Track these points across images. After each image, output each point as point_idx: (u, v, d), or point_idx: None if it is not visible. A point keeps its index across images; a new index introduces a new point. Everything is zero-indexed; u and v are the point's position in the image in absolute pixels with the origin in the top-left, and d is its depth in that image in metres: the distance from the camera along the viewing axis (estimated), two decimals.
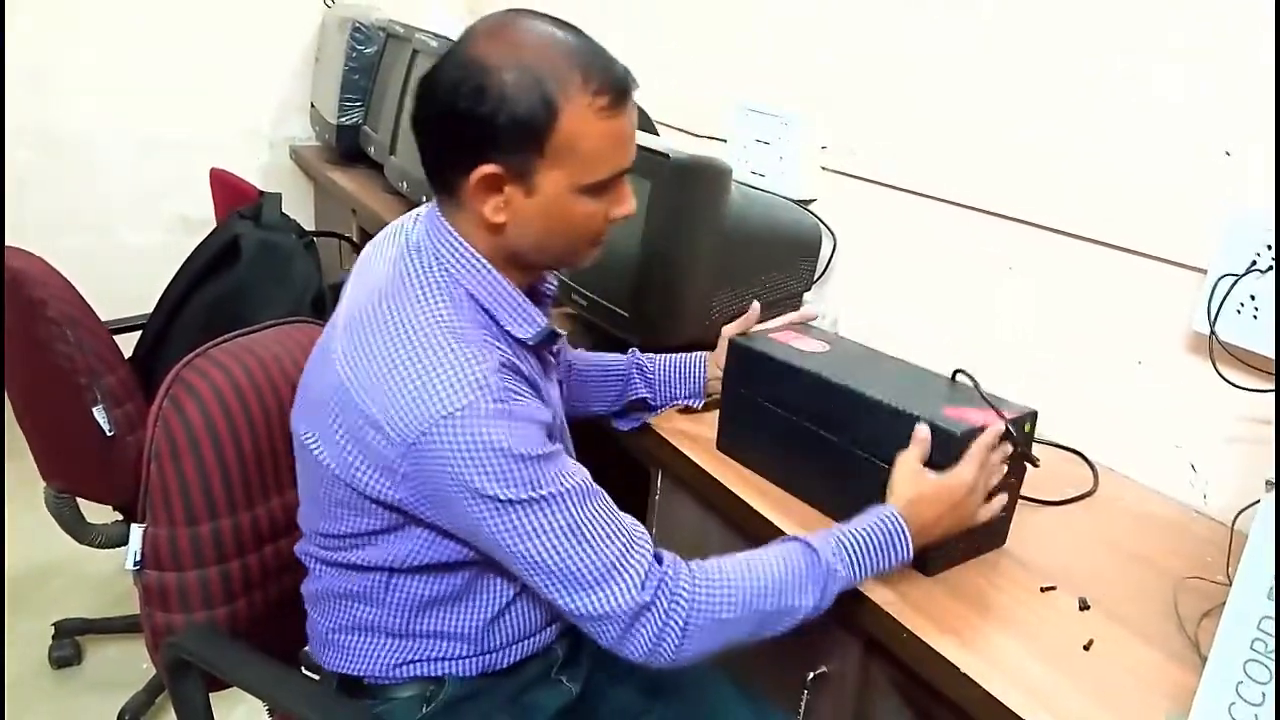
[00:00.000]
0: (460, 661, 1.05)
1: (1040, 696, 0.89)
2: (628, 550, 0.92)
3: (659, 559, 0.95)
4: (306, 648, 1.14)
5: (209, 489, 1.09)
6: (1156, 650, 0.98)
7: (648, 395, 1.37)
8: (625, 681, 1.18)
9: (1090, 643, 0.98)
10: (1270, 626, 0.78)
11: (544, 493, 0.89)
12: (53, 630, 2.08)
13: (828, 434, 1.15)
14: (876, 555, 0.99)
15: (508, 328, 0.98)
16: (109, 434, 1.58)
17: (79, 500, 1.72)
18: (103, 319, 1.66)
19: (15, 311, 1.55)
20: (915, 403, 1.07)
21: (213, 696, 1.12)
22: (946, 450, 1.02)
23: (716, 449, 1.31)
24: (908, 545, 1.00)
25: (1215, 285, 1.18)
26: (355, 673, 1.06)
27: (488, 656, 1.06)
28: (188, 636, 1.08)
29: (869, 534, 0.99)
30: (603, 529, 0.91)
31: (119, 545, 1.75)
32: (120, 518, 1.78)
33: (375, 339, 0.92)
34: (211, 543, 1.10)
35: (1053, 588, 1.07)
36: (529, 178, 0.92)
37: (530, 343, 0.99)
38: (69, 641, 2.08)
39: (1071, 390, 1.40)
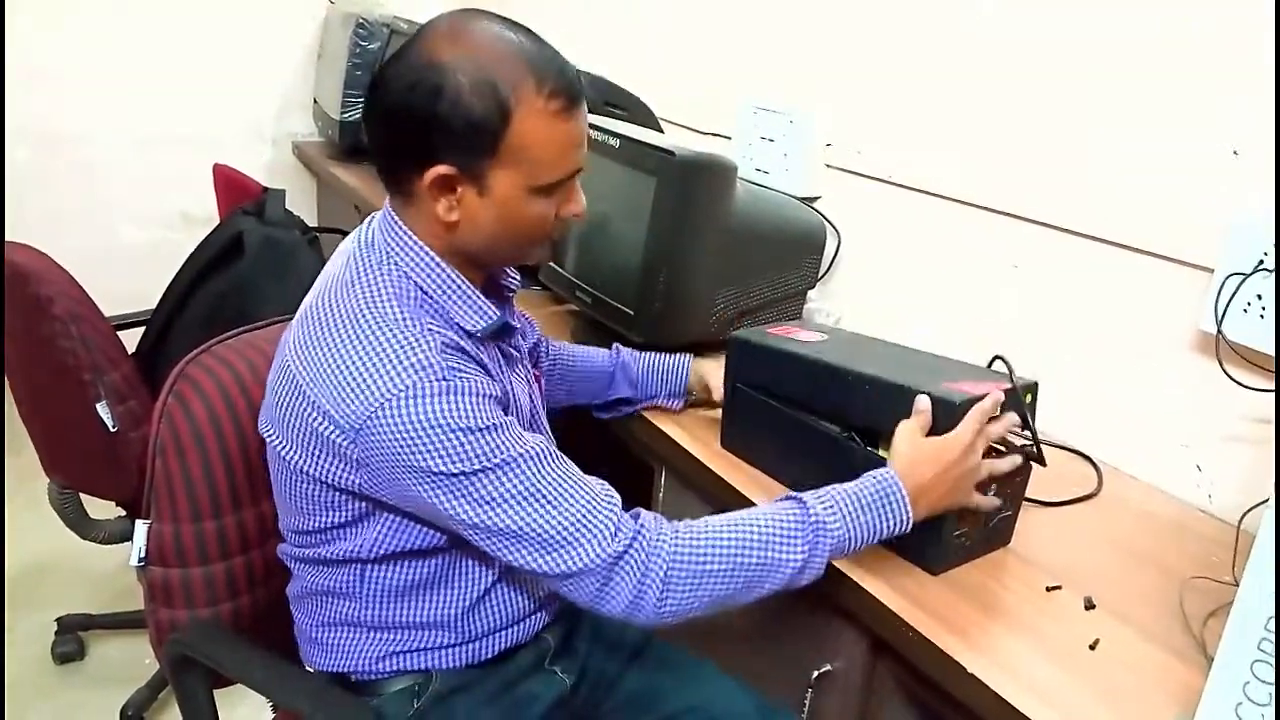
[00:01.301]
0: (445, 651, 1.06)
1: (1046, 696, 0.89)
2: (593, 506, 0.92)
3: (635, 516, 0.94)
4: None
5: (214, 485, 1.08)
6: (1162, 650, 0.98)
7: (629, 394, 1.39)
8: (624, 675, 1.17)
9: (1096, 642, 0.97)
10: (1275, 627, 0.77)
11: (496, 460, 0.89)
12: (55, 626, 2.08)
13: (830, 422, 1.15)
14: (872, 514, 0.98)
15: (458, 320, 0.98)
16: (112, 430, 1.57)
17: (82, 496, 1.72)
18: (106, 315, 1.66)
19: (20, 308, 1.55)
20: (914, 378, 1.08)
21: (216, 693, 1.12)
22: (948, 418, 1.03)
23: (721, 446, 1.30)
24: (905, 505, 0.98)
25: (1222, 284, 1.18)
26: (342, 669, 1.07)
27: (473, 646, 1.07)
28: (192, 633, 1.08)
29: (861, 489, 0.99)
30: (563, 488, 0.91)
31: (122, 541, 1.75)
32: (123, 513, 1.78)
33: (321, 331, 0.94)
34: (216, 539, 1.10)
35: (1058, 587, 1.06)
36: (482, 178, 0.94)
37: (479, 335, 1.00)
38: (72, 637, 2.08)
39: (1077, 390, 1.39)
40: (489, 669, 1.09)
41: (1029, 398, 1.10)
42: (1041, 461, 1.10)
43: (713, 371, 1.37)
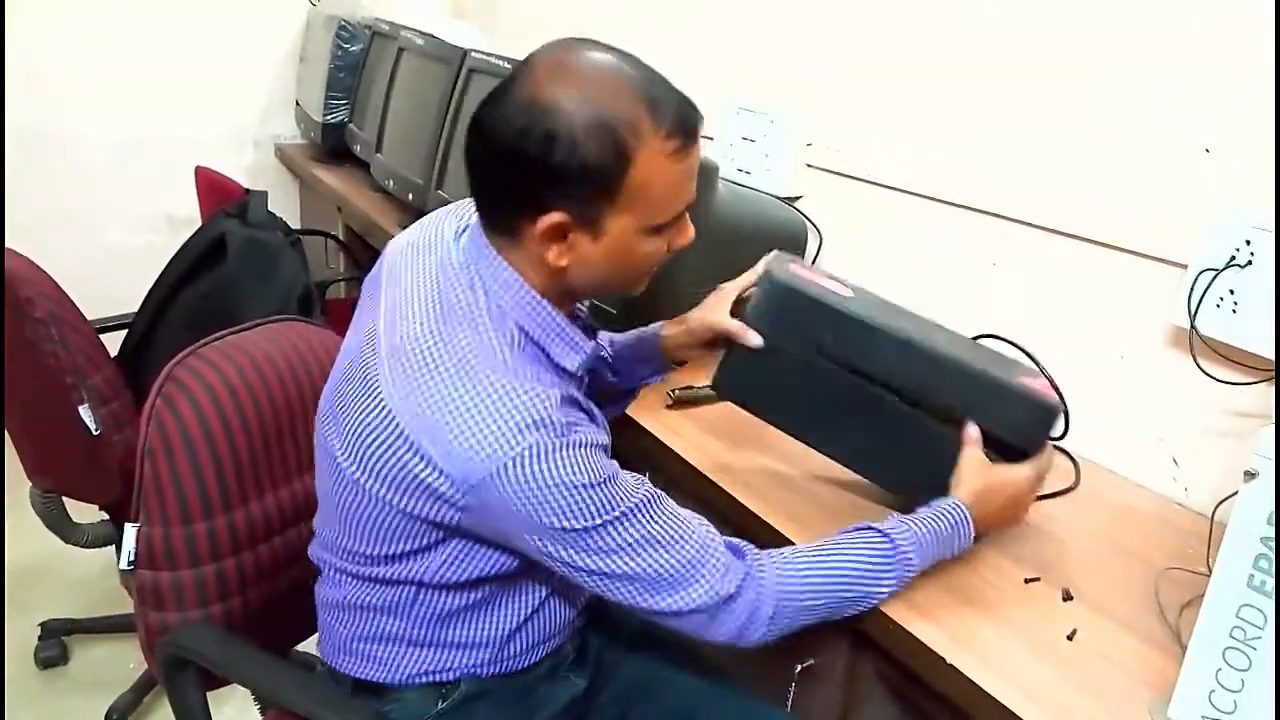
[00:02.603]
0: (479, 668, 1.05)
1: (1024, 686, 0.91)
2: (704, 546, 0.93)
3: (737, 550, 0.96)
4: (303, 645, 1.13)
5: (203, 487, 1.08)
6: (1138, 640, 0.99)
7: (616, 381, 1.31)
8: (625, 660, 1.18)
9: (1074, 633, 0.99)
10: (1249, 614, 0.79)
11: (616, 514, 0.88)
12: (39, 630, 2.07)
13: (877, 388, 1.12)
14: (942, 546, 1.03)
15: (557, 358, 0.95)
16: (95, 433, 1.57)
17: (65, 500, 1.72)
18: (89, 318, 1.65)
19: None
20: (998, 369, 1.11)
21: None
22: (1043, 424, 1.08)
23: (712, 389, 1.20)
24: (969, 535, 1.05)
25: (1195, 280, 1.20)
26: (373, 679, 1.04)
27: (506, 662, 1.06)
28: (186, 634, 1.07)
29: (939, 526, 1.03)
30: (676, 530, 0.92)
31: (105, 545, 1.75)
32: (106, 517, 1.78)
33: (428, 372, 0.88)
34: (206, 541, 1.09)
35: (1037, 579, 1.08)
36: (598, 224, 0.90)
37: (577, 371, 0.97)
38: (55, 642, 2.07)
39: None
40: (512, 677, 1.08)
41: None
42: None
43: (714, 316, 1.20)
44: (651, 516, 0.91)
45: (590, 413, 0.96)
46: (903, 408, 1.11)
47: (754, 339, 1.12)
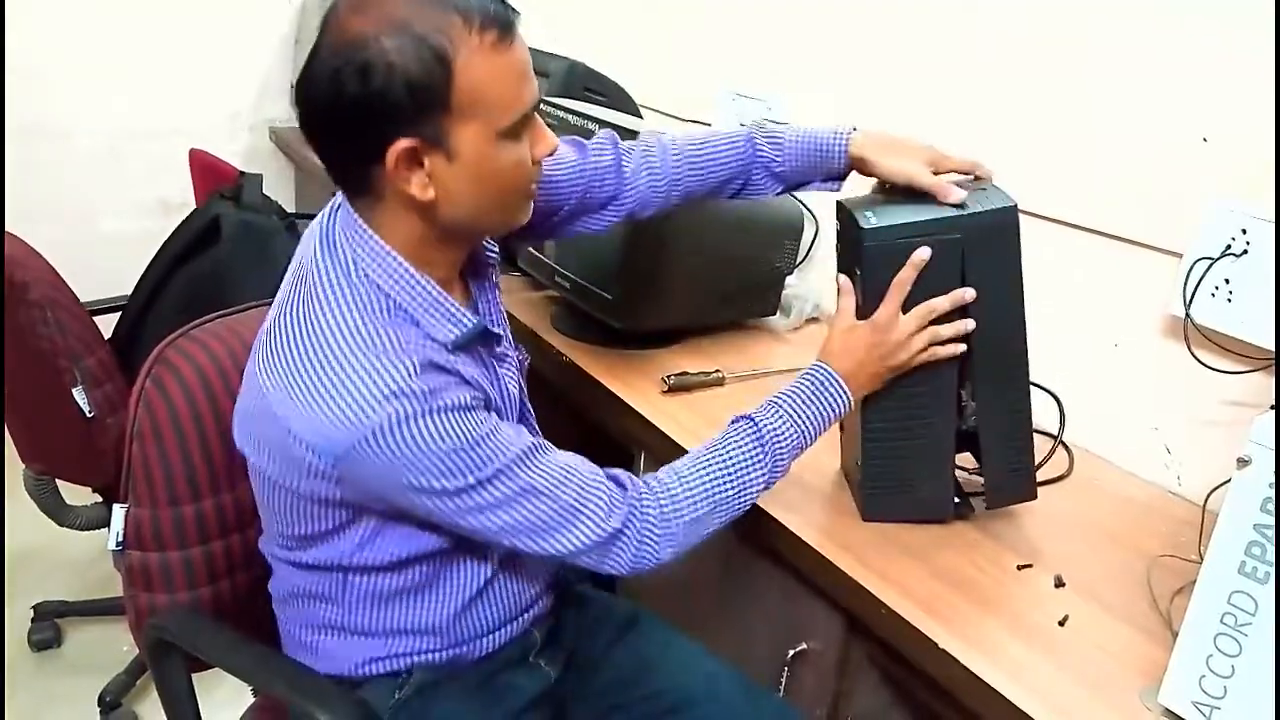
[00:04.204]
0: (430, 655, 1.05)
1: (1016, 671, 0.91)
2: (584, 489, 0.95)
3: (619, 482, 0.99)
4: None
5: (192, 469, 1.08)
6: (1130, 626, 1.00)
7: (773, 189, 1.21)
8: (608, 655, 1.17)
9: (1065, 619, 0.99)
10: (1240, 600, 0.79)
11: (488, 473, 0.90)
12: (32, 613, 2.08)
13: None
14: (815, 406, 1.06)
15: (430, 331, 0.93)
16: (89, 415, 1.57)
17: (58, 483, 1.72)
18: (82, 301, 1.64)
19: None
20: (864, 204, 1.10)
21: (196, 677, 1.11)
22: (870, 260, 1.06)
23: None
24: (842, 386, 1.07)
25: (1190, 269, 1.20)
26: (330, 673, 1.04)
27: (460, 648, 1.06)
28: (169, 618, 1.07)
29: (798, 388, 1.07)
30: (553, 478, 0.94)
31: (99, 527, 1.75)
32: (100, 500, 1.78)
33: (289, 349, 0.89)
34: (194, 523, 1.09)
35: (1029, 566, 1.08)
36: (445, 141, 0.86)
37: (452, 347, 0.94)
38: (49, 624, 2.08)
39: (1048, 372, 1.41)
40: (473, 662, 1.08)
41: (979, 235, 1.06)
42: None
43: (913, 168, 1.11)
44: (526, 468, 0.92)
45: (461, 375, 0.93)
46: None
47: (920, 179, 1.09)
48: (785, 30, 1.88)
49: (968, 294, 1.06)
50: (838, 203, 1.15)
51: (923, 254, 1.04)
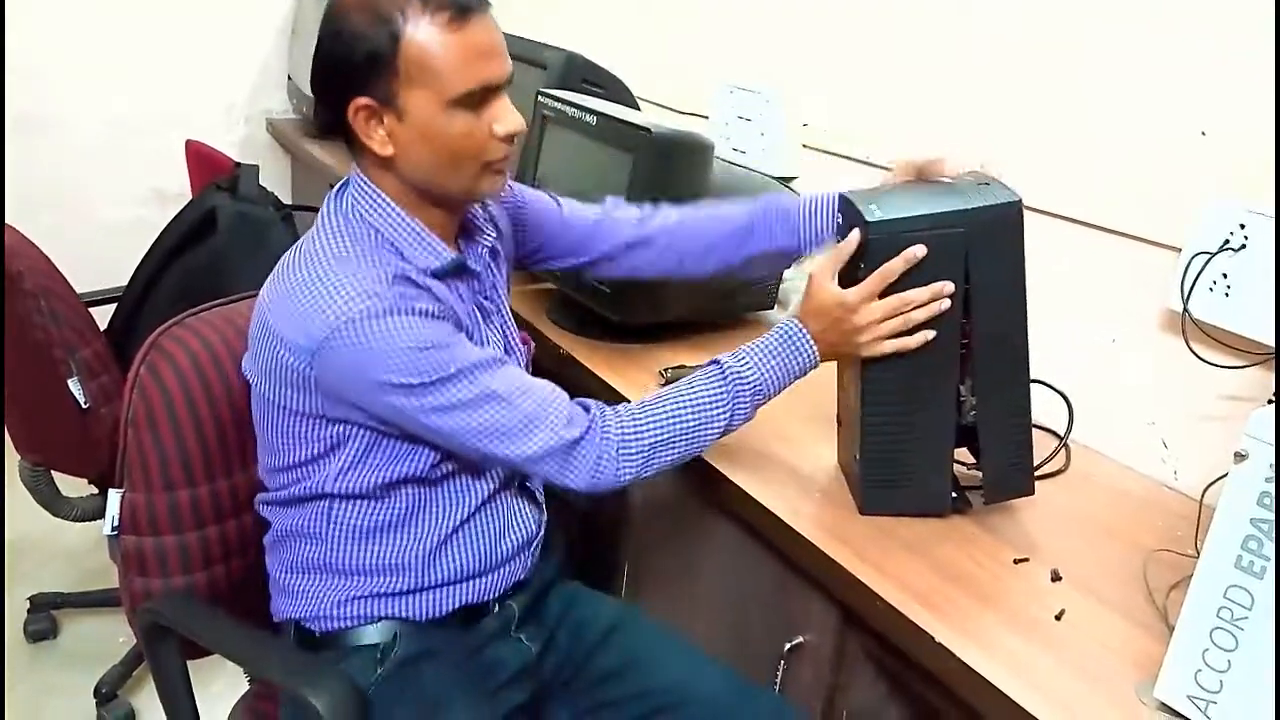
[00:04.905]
0: (405, 599, 1.09)
1: (1013, 665, 0.91)
2: (546, 401, 1.02)
3: (585, 406, 1.05)
4: None
5: (186, 455, 1.09)
6: (1126, 620, 1.00)
7: (790, 244, 1.26)
8: (596, 653, 1.18)
9: (1061, 613, 0.99)
10: (1237, 595, 0.79)
11: (451, 371, 0.97)
12: (28, 604, 2.07)
13: None
14: (781, 358, 1.10)
15: (413, 258, 1.03)
16: (84, 406, 1.56)
17: (54, 473, 1.71)
18: (78, 292, 1.64)
19: None
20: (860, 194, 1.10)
21: (193, 665, 1.12)
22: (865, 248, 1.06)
23: None
24: (810, 343, 1.11)
25: (1189, 264, 1.20)
26: (303, 615, 1.10)
27: (433, 594, 1.10)
28: (164, 602, 1.08)
29: (768, 340, 1.12)
30: (515, 387, 1.01)
31: (94, 518, 1.74)
32: (95, 491, 1.77)
33: (286, 272, 1.01)
34: (189, 508, 1.10)
35: (1026, 560, 1.08)
36: (395, 101, 0.97)
37: (435, 273, 1.04)
38: (45, 615, 2.07)
39: (1046, 366, 1.41)
40: (452, 633, 1.10)
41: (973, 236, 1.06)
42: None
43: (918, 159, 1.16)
44: (491, 375, 1.00)
45: (431, 291, 1.02)
46: None
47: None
48: (783, 24, 1.88)
49: (946, 287, 1.06)
50: (841, 195, 1.15)
51: (917, 251, 1.04)
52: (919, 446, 1.12)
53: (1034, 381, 1.13)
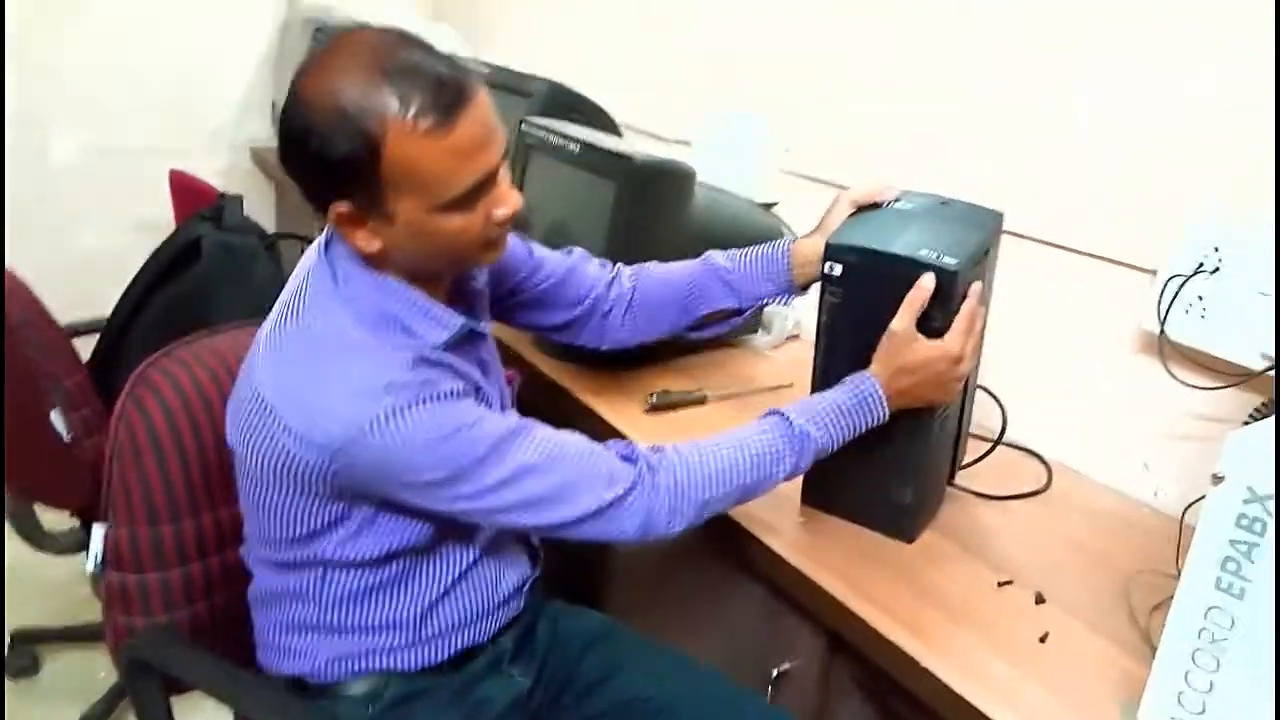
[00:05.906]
0: (398, 653, 1.06)
1: (997, 688, 0.92)
2: (583, 460, 0.98)
3: (628, 457, 1.00)
4: None
5: (171, 489, 1.08)
6: (1109, 642, 1.00)
7: (729, 304, 1.27)
8: (581, 662, 1.17)
9: (1046, 635, 1.00)
10: (1217, 616, 0.80)
11: (481, 453, 0.92)
12: (9, 639, 2.04)
13: None
14: (851, 418, 1.06)
15: (420, 334, 0.97)
16: (66, 439, 1.55)
17: (35, 506, 1.70)
18: (60, 322, 1.63)
19: None
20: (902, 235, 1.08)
21: (177, 701, 1.11)
22: (942, 293, 1.04)
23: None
24: (882, 404, 1.06)
25: (1165, 286, 1.22)
26: (296, 672, 1.07)
27: (426, 646, 1.07)
28: (146, 639, 1.07)
29: (841, 401, 1.06)
30: (550, 453, 0.96)
31: (76, 551, 1.72)
32: (77, 523, 1.75)
33: (286, 351, 0.95)
34: (173, 544, 1.09)
35: (1009, 582, 1.09)
36: (380, 208, 0.90)
37: (444, 344, 0.98)
38: (26, 650, 2.04)
39: (1027, 388, 1.42)
40: (444, 673, 1.09)
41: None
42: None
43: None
44: (521, 447, 0.95)
45: (452, 367, 0.98)
46: None
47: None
48: (766, 52, 1.90)
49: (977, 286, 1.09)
50: (829, 244, 1.11)
51: (977, 286, 1.08)
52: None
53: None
